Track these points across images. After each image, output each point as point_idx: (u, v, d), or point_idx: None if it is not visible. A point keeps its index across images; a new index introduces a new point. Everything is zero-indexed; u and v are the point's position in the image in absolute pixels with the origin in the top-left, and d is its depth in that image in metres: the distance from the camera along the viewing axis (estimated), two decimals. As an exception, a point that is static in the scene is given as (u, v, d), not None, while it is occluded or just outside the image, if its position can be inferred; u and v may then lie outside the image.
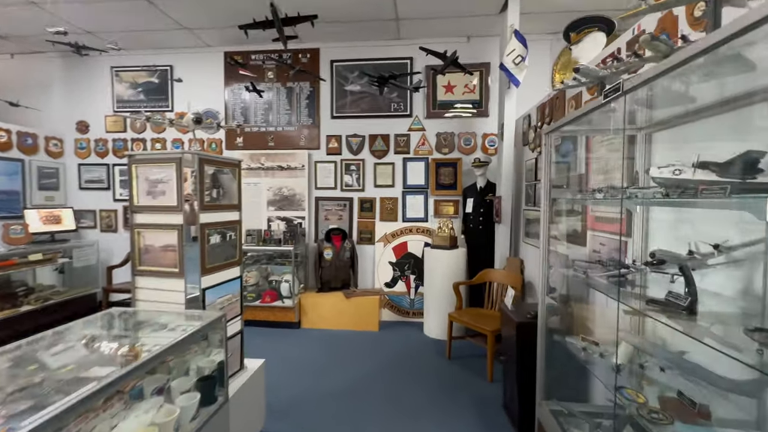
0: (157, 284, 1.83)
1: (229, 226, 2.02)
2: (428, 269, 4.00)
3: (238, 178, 2.10)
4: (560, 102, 2.72)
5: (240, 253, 2.13)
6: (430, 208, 4.42)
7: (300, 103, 4.52)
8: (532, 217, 3.35)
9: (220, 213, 1.95)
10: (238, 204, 2.11)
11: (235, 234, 2.08)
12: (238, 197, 2.10)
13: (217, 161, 1.92)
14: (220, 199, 1.96)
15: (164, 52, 4.63)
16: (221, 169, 1.96)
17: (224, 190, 1.99)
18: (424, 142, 4.40)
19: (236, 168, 2.09)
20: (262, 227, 4.52)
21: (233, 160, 2.06)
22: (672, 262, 1.12)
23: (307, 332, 4.03)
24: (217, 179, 1.93)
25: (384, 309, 4.40)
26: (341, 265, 4.26)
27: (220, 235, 1.95)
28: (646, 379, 1.34)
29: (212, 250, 1.89)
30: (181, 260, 1.77)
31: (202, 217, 1.81)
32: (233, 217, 2.07)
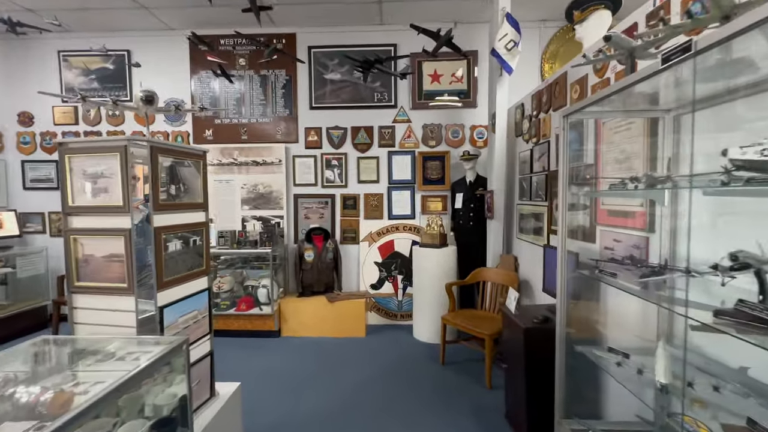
0: (102, 303, 1.47)
1: (192, 229, 1.68)
2: (417, 269, 3.75)
3: (203, 171, 1.76)
4: (560, 88, 2.52)
5: (207, 260, 1.78)
6: (417, 205, 4.16)
7: (275, 93, 4.14)
8: (526, 212, 3.15)
9: (180, 213, 1.61)
10: (204, 202, 1.77)
11: (201, 238, 1.74)
12: (204, 194, 1.76)
13: (175, 151, 1.57)
14: (181, 197, 1.61)
15: (120, 34, 4.13)
16: (181, 161, 1.61)
17: (186, 186, 1.64)
18: (410, 134, 4.14)
19: (200, 160, 1.74)
20: (236, 228, 4.13)
21: (196, 150, 1.71)
22: (755, 266, 0.90)
23: (287, 341, 3.70)
24: (176, 173, 1.58)
25: (370, 312, 4.12)
26: (324, 267, 3.94)
27: (181, 241, 1.60)
28: (697, 401, 1.13)
29: (171, 259, 1.54)
30: (130, 273, 1.42)
31: (157, 219, 1.47)
32: (198, 218, 1.73)
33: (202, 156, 1.75)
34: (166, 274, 1.51)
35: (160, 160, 1.49)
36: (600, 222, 2.06)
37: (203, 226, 1.76)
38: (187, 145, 1.63)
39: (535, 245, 2.94)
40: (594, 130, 2.05)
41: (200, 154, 1.73)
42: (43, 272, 4.05)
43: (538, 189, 2.90)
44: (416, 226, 4.12)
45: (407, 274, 4.10)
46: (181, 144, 1.49)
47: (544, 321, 2.08)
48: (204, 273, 1.77)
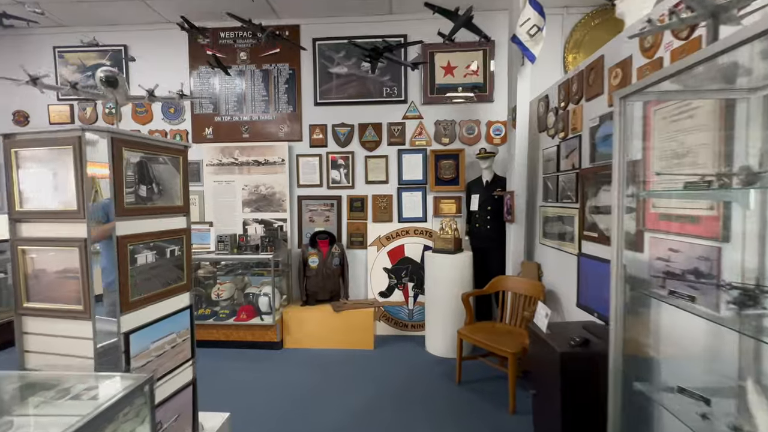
0: (55, 328, 1.21)
1: (170, 237, 1.41)
2: (429, 276, 3.45)
3: (184, 170, 1.49)
4: (596, 73, 2.20)
5: (189, 273, 1.52)
6: (429, 207, 3.87)
7: (278, 88, 3.89)
8: (551, 215, 2.83)
9: (153, 219, 1.34)
10: (185, 205, 1.50)
11: (180, 247, 1.47)
12: (184, 196, 1.49)
13: (145, 144, 1.30)
14: (154, 200, 1.35)
15: (117, 29, 3.93)
16: (154, 157, 1.34)
17: (161, 186, 1.37)
18: (422, 131, 3.84)
19: (180, 156, 1.47)
20: (236, 231, 3.88)
21: (175, 144, 1.45)
22: None
23: (290, 354, 3.43)
24: (148, 171, 1.32)
25: (379, 322, 3.83)
26: (329, 273, 3.67)
27: (154, 252, 1.33)
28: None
29: (141, 274, 1.28)
30: (86, 293, 1.16)
31: (121, 226, 1.20)
32: (177, 223, 1.46)
33: (183, 151, 1.48)
34: (133, 292, 1.25)
35: (126, 156, 1.22)
36: (650, 227, 1.73)
37: (183, 233, 1.49)
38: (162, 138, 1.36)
39: (562, 252, 2.62)
40: (642, 119, 1.74)
41: (180, 149, 1.47)
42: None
43: (566, 189, 2.58)
44: (428, 230, 3.82)
45: (419, 281, 3.81)
46: (156, 137, 1.20)
47: (584, 344, 1.77)
48: (185, 288, 1.50)
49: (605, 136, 2.09)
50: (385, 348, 3.53)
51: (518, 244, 3.16)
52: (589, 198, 2.26)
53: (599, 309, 1.91)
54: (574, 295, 2.26)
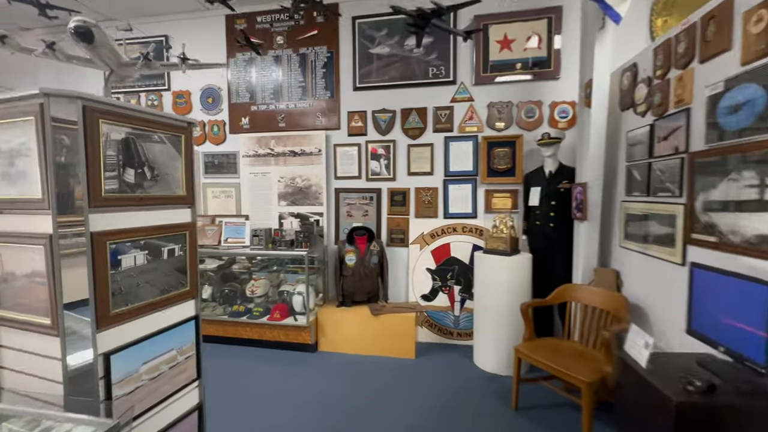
0: (26, 343, 0.98)
1: (168, 234, 1.15)
2: (480, 280, 3.01)
3: (186, 151, 1.22)
4: (720, 23, 1.63)
5: (194, 277, 1.25)
6: (480, 201, 3.41)
7: (315, 73, 3.62)
8: (638, 211, 2.28)
9: (144, 211, 1.08)
10: (188, 195, 1.23)
11: (182, 246, 1.20)
12: (187, 184, 1.22)
13: (132, 117, 1.03)
14: (146, 187, 1.08)
15: (158, 19, 3.87)
16: (147, 134, 1.08)
17: (155, 171, 1.11)
18: (473, 115, 3.38)
19: (181, 135, 1.20)
20: (272, 225, 3.70)
21: (174, 120, 1.17)
22: None
23: (325, 358, 3.17)
24: (138, 151, 1.05)
25: (421, 327, 3.46)
26: (367, 273, 3.35)
27: (145, 252, 1.07)
28: None
29: (127, 279, 1.02)
30: (53, 302, 0.91)
31: (97, 219, 0.95)
32: (178, 217, 1.19)
33: (185, 129, 1.20)
34: (115, 303, 0.99)
35: (105, 130, 0.96)
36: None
37: (187, 228, 1.22)
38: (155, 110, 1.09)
39: (655, 259, 2.08)
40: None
41: (181, 126, 1.19)
42: (86, 268, 3.95)
43: (662, 180, 2.03)
44: (479, 228, 3.37)
45: (466, 285, 3.38)
46: (147, 108, 0.90)
47: (708, 390, 1.27)
48: (188, 295, 1.23)
49: (734, 106, 1.54)
50: (428, 357, 3.16)
51: (590, 247, 2.62)
52: (701, 191, 1.71)
53: (726, 341, 1.40)
54: (679, 318, 1.73)
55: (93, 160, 0.92)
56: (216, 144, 3.85)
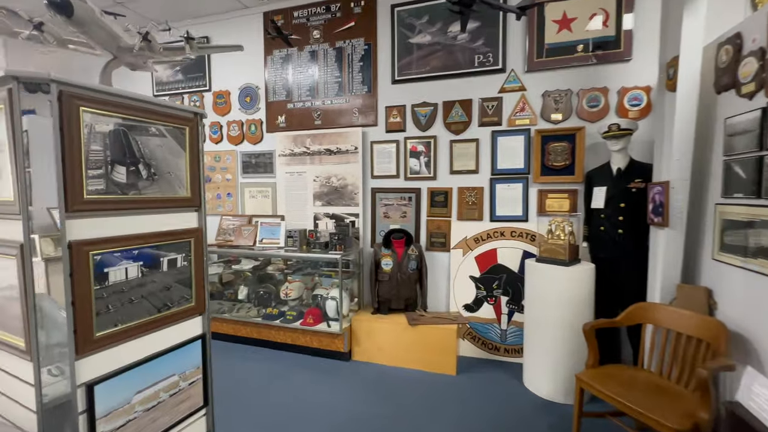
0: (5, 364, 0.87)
1: (169, 242, 1.00)
2: (532, 292, 2.65)
3: (192, 146, 1.06)
4: None
5: (201, 290, 1.09)
6: (531, 202, 3.03)
7: (352, 67, 3.44)
8: (739, 217, 1.82)
9: (139, 216, 0.93)
10: (195, 197, 1.07)
11: (187, 256, 1.05)
12: (194, 184, 1.06)
13: (124, 106, 0.88)
14: (141, 188, 0.93)
15: (200, 21, 3.91)
16: (142, 125, 0.92)
17: (154, 169, 0.96)
18: (524, 106, 3.01)
19: (186, 127, 1.04)
20: (307, 226, 3.59)
21: (179, 109, 1.02)
22: None
23: (358, 368, 2.98)
24: (130, 145, 0.90)
25: (463, 340, 3.16)
26: (404, 279, 3.11)
27: (140, 263, 0.92)
28: None
29: (117, 295, 0.87)
30: (27, 322, 0.78)
31: (78, 226, 0.80)
32: (181, 222, 1.04)
33: (190, 120, 1.04)
34: (101, 324, 0.84)
35: (87, 120, 0.81)
36: None
37: (192, 235, 1.06)
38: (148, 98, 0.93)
39: (766, 276, 1.63)
40: None
41: (185, 116, 1.03)
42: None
43: (782, 177, 1.58)
44: (530, 232, 3.00)
45: (515, 296, 3.03)
46: (143, 96, 0.73)
47: None
48: (194, 312, 1.07)
49: None
50: (471, 375, 2.85)
51: (672, 259, 2.18)
52: None
53: None
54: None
55: (71, 155, 0.78)
56: (253, 143, 3.81)
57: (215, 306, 3.46)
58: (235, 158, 3.86)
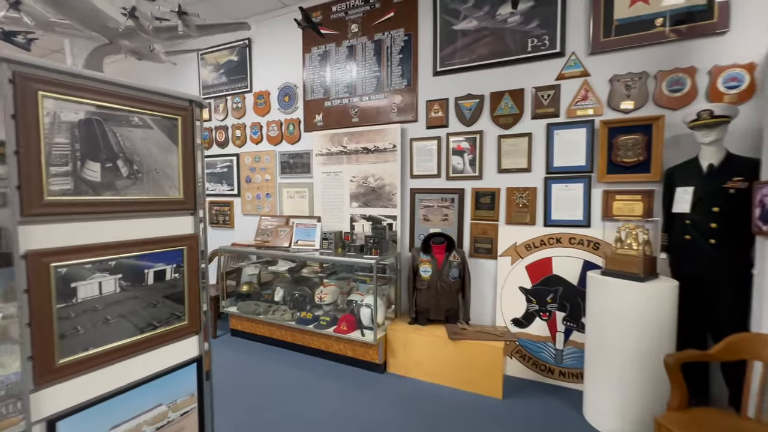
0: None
1: (155, 250, 0.86)
2: (596, 309, 2.26)
3: (184, 140, 0.91)
4: None
5: (195, 306, 0.94)
6: (595, 205, 2.62)
7: (391, 60, 3.24)
8: None
9: (117, 221, 0.79)
10: (188, 198, 0.92)
11: (178, 267, 0.90)
12: (188, 184, 0.92)
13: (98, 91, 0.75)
14: (119, 188, 0.80)
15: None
16: (122, 114, 0.79)
17: (137, 166, 0.82)
18: (587, 94, 2.61)
19: (178, 117, 0.89)
20: (343, 228, 3.45)
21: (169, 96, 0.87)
22: None
23: (394, 382, 2.76)
24: (106, 138, 0.77)
25: (511, 358, 2.82)
26: (445, 287, 2.84)
27: (118, 276, 0.79)
28: None
29: (89, 315, 0.74)
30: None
31: (35, 232, 0.67)
32: (172, 227, 0.89)
33: (184, 109, 0.90)
34: (65, 348, 0.71)
35: (50, 108, 0.68)
36: None
37: (186, 242, 0.91)
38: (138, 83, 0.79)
39: None
40: None
41: (177, 105, 0.88)
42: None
43: None
44: (593, 240, 2.59)
45: (574, 312, 2.63)
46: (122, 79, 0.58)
47: None
48: (187, 331, 0.93)
49: None
50: (519, 399, 2.52)
51: (791, 279, 1.70)
52: None
53: None
54: None
55: (28, 148, 0.65)
56: (291, 143, 3.75)
57: (252, 307, 3.44)
58: (274, 158, 3.83)
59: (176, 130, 0.89)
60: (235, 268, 3.77)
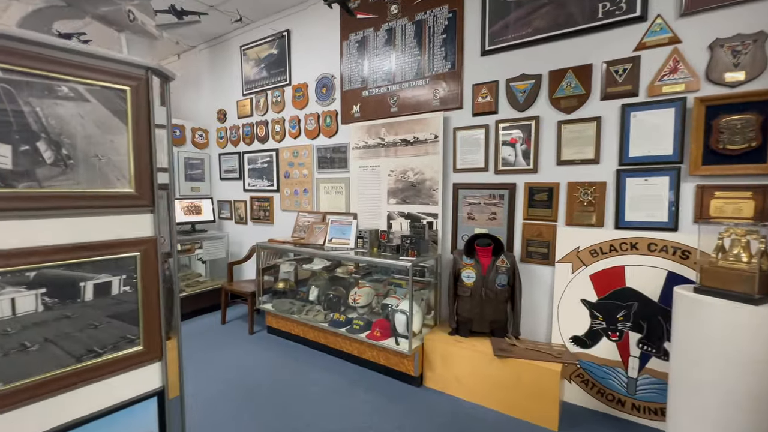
0: None
1: (96, 258, 0.67)
2: (685, 333, 1.78)
3: (138, 117, 0.71)
4: None
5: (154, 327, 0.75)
6: (685, 203, 2.10)
7: (433, 42, 2.91)
8: None
9: (38, 219, 0.61)
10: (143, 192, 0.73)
11: (130, 278, 0.71)
12: (142, 174, 0.72)
13: (7, 51, 0.57)
14: (41, 179, 0.62)
15: (282, 15, 3.84)
16: (45, 82, 0.61)
17: (68, 149, 0.64)
18: (677, 66, 2.09)
19: (126, 89, 0.70)
20: (380, 226, 3.22)
21: (114, 61, 0.68)
22: None
23: (430, 398, 2.48)
24: (21, 112, 0.59)
25: (569, 382, 2.40)
26: (490, 296, 2.49)
27: (42, 291, 0.61)
28: None
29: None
30: None
31: None
32: (120, 229, 0.70)
33: (134, 78, 0.70)
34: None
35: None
36: None
37: (141, 247, 0.72)
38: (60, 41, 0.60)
39: None
40: None
41: (126, 73, 0.68)
42: (223, 256, 4.30)
43: None
44: (683, 247, 2.08)
45: (653, 334, 2.15)
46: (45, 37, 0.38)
47: None
48: (144, 358, 0.74)
49: None
50: (580, 435, 2.11)
51: None
52: None
53: None
54: None
55: None
56: (328, 137, 3.59)
57: (286, 305, 3.34)
58: (311, 153, 3.70)
59: (124, 104, 0.70)
60: (272, 265, 3.72)
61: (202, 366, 2.88)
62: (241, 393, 2.50)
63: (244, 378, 2.69)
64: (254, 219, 4.26)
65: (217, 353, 3.10)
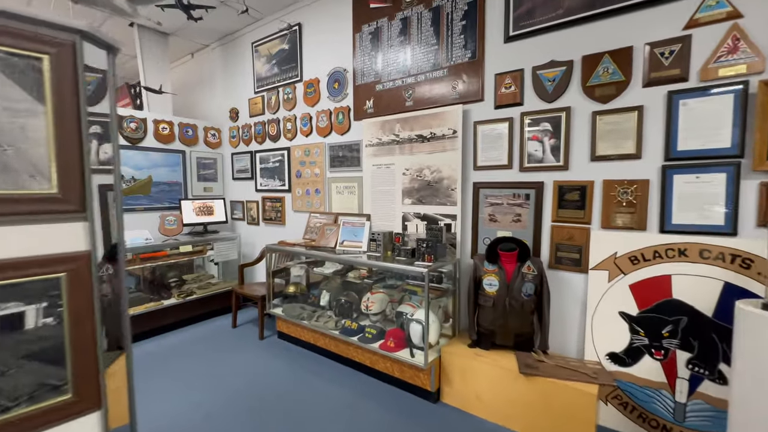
0: None
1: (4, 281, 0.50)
2: (750, 355, 1.49)
3: (63, 95, 0.54)
4: None
5: (90, 368, 0.58)
6: (746, 205, 1.81)
7: (451, 29, 2.69)
8: None
9: None
10: (72, 193, 0.56)
11: (51, 307, 0.54)
12: (69, 168, 0.55)
13: None
14: None
15: (294, 8, 3.70)
16: None
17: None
18: (738, 44, 1.80)
19: (43, 57, 0.53)
20: (394, 228, 3.02)
21: (27, 19, 0.51)
22: None
23: (447, 417, 2.26)
24: None
25: (606, 404, 2.14)
26: (515, 306, 2.25)
27: None
28: None
29: None
30: None
31: None
32: (42, 243, 0.53)
33: (55, 44, 0.53)
34: None
35: None
36: None
37: (69, 266, 0.55)
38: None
39: None
40: None
41: (43, 38, 0.51)
42: (235, 258, 4.20)
43: None
44: (743, 254, 1.79)
45: (705, 353, 1.87)
46: None
47: None
48: (75, 409, 0.56)
49: None
50: (620, 468, 1.84)
51: None
52: None
53: None
54: None
55: None
56: (341, 134, 3.41)
57: (297, 310, 3.19)
58: (323, 151, 3.54)
59: (42, 77, 0.53)
60: (283, 268, 3.58)
61: (208, 372, 2.76)
62: (247, 404, 2.36)
63: (251, 387, 2.55)
64: (266, 220, 4.15)
65: (225, 359, 2.98)
